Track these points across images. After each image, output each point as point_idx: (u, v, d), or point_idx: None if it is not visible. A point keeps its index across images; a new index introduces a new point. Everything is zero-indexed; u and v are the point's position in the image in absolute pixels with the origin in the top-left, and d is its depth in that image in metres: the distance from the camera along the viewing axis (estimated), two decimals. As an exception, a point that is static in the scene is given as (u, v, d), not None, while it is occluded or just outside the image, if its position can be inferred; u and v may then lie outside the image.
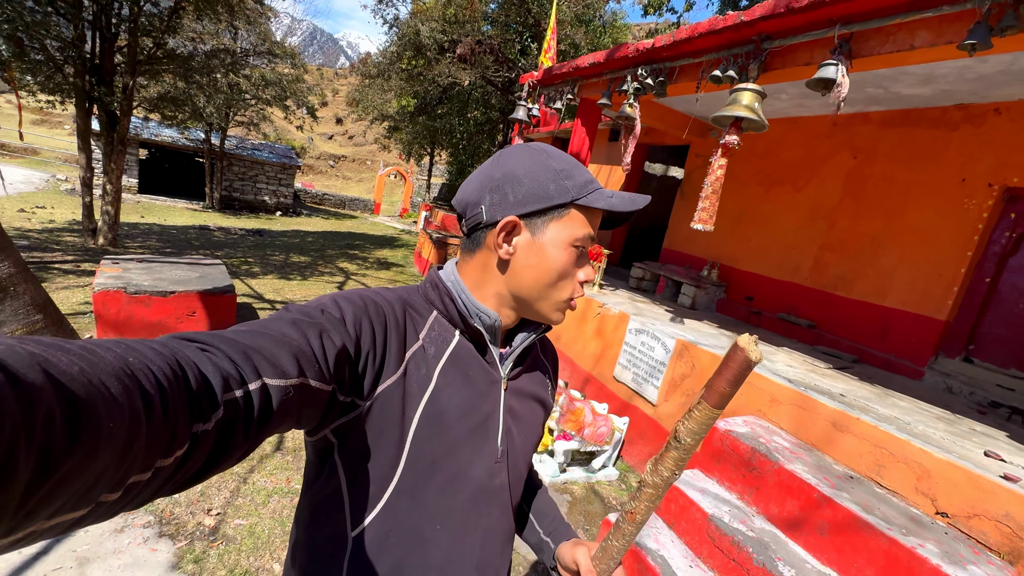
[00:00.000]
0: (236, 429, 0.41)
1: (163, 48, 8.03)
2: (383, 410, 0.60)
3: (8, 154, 18.46)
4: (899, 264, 3.84)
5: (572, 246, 0.65)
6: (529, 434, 0.77)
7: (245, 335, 0.46)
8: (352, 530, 0.63)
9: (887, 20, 2.42)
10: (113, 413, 0.28)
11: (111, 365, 0.30)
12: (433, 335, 0.66)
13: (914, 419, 2.55)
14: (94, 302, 3.71)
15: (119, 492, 0.31)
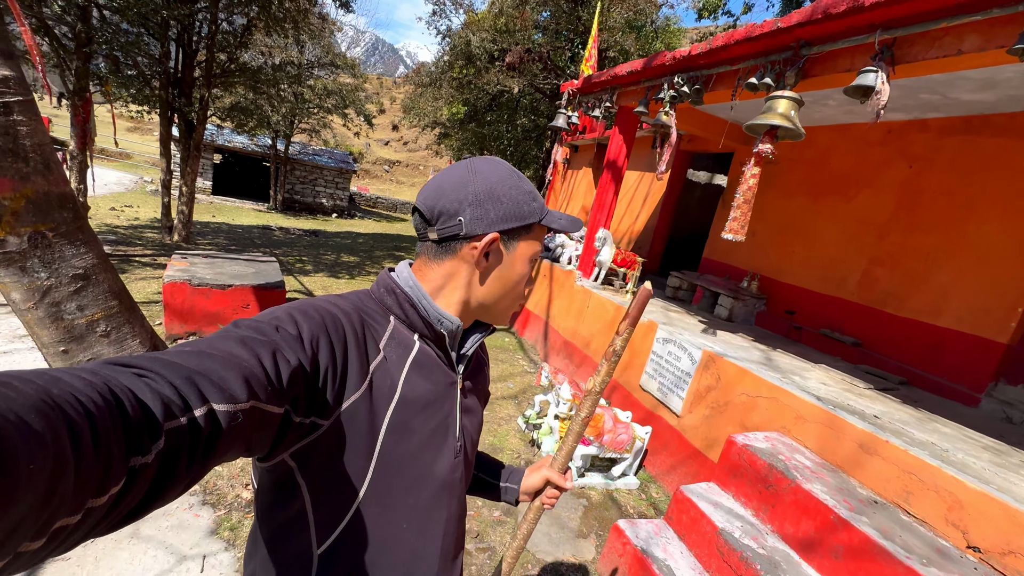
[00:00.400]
0: (179, 460, 0.38)
1: (236, 62, 8.75)
2: (350, 425, 0.59)
3: (106, 158, 20.63)
4: (956, 281, 3.57)
5: (531, 260, 0.73)
6: (478, 425, 0.82)
7: (189, 357, 0.43)
8: (318, 547, 0.62)
9: (932, 24, 2.31)
10: (34, 452, 0.25)
11: (31, 398, 0.27)
12: (393, 344, 0.67)
13: (955, 447, 2.39)
14: (163, 292, 4.14)
15: (43, 539, 0.28)
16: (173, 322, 4.17)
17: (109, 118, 16.06)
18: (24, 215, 2.48)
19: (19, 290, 2.59)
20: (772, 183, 5.10)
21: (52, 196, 2.58)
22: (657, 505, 3.21)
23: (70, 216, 2.69)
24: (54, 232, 2.62)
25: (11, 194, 2.42)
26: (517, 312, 1.01)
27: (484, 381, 0.86)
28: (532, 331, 5.95)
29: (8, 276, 2.54)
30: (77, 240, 2.73)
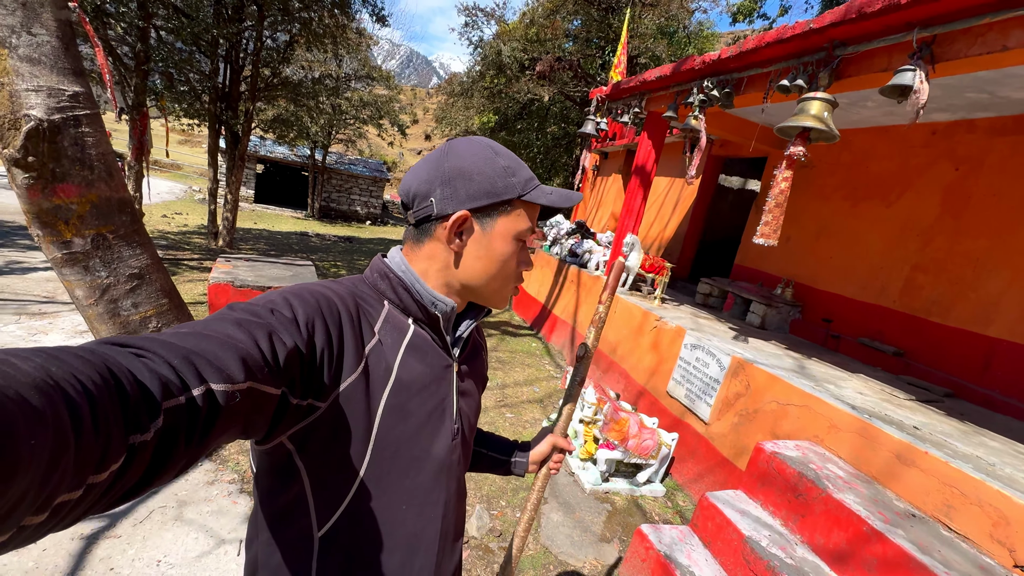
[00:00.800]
0: (178, 438, 0.39)
1: (278, 76, 9.20)
2: (347, 407, 0.60)
3: (159, 169, 21.96)
4: (1008, 289, 3.38)
5: (516, 239, 0.70)
6: (475, 408, 0.82)
7: (186, 338, 0.44)
8: (319, 530, 0.63)
9: (974, 20, 2.23)
10: (34, 428, 0.26)
11: (30, 376, 0.28)
12: (388, 327, 0.67)
13: (1002, 461, 2.26)
14: (208, 293, 4.38)
15: (45, 514, 0.29)
16: (217, 321, 4.40)
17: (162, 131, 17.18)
18: (88, 218, 2.70)
19: (82, 287, 2.81)
20: (807, 187, 4.96)
21: (113, 201, 2.80)
22: (683, 513, 3.16)
23: (128, 220, 2.91)
24: (114, 234, 2.83)
25: (77, 199, 2.64)
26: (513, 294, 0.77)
27: (481, 366, 0.86)
28: (559, 336, 5.95)
29: (73, 274, 2.76)
30: (134, 242, 2.94)
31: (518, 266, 0.73)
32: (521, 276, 0.75)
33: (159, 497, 2.48)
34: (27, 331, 3.94)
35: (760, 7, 13.14)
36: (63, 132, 2.52)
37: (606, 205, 9.49)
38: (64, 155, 2.54)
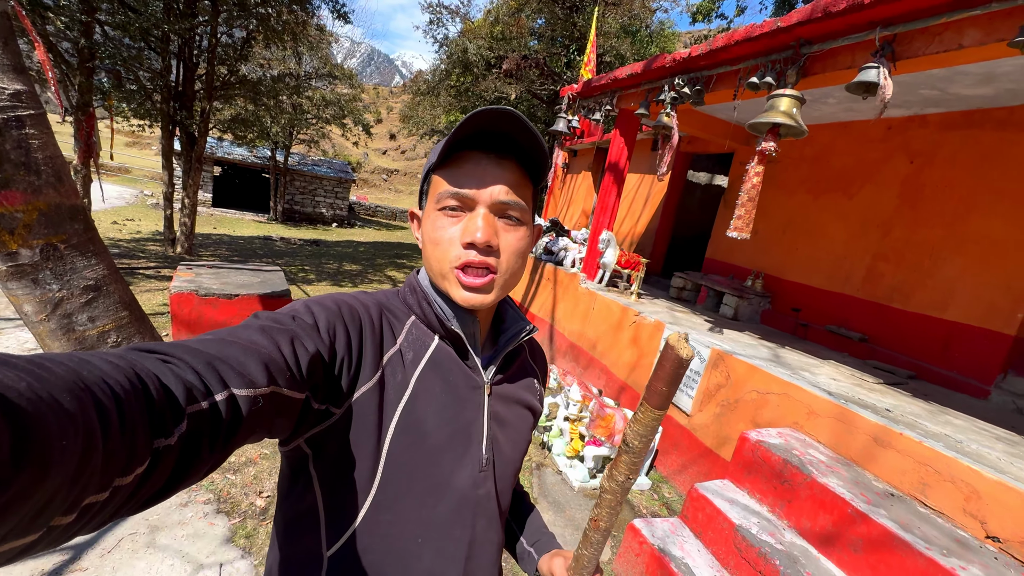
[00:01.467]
0: (201, 443, 0.39)
1: (236, 74, 8.82)
2: (360, 417, 0.58)
3: (105, 173, 20.71)
4: (962, 275, 3.58)
5: (437, 209, 0.63)
6: (517, 441, 0.74)
7: (210, 344, 0.45)
8: (328, 549, 0.60)
9: (932, 20, 2.34)
10: (65, 430, 0.26)
11: (62, 379, 0.28)
12: (411, 340, 0.64)
13: (968, 438, 2.39)
14: (171, 303, 4.14)
15: (73, 515, 0.30)
16: (181, 332, 4.17)
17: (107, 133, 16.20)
18: (36, 227, 2.50)
19: (31, 302, 2.59)
20: (773, 181, 5.12)
21: (64, 208, 2.60)
22: (670, 505, 3.21)
23: (81, 228, 2.71)
24: (66, 244, 2.63)
25: (23, 206, 2.44)
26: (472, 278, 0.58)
27: (529, 394, 0.77)
28: (538, 334, 5.95)
29: (20, 288, 2.55)
30: (88, 251, 2.74)
31: (451, 240, 0.61)
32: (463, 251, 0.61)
33: (128, 523, 2.32)
34: (-34, 351, 3.62)
35: (718, 7, 13.53)
36: (4, 134, 2.31)
37: (576, 203, 9.56)
38: (7, 159, 2.34)
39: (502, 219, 0.63)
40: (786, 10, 14.10)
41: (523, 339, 0.73)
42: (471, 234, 0.60)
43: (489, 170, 0.61)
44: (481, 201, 0.61)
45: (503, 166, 0.62)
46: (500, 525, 0.73)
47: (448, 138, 0.59)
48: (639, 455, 0.57)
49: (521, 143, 0.61)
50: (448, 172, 0.62)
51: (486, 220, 0.60)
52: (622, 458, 0.58)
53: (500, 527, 0.73)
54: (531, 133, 0.60)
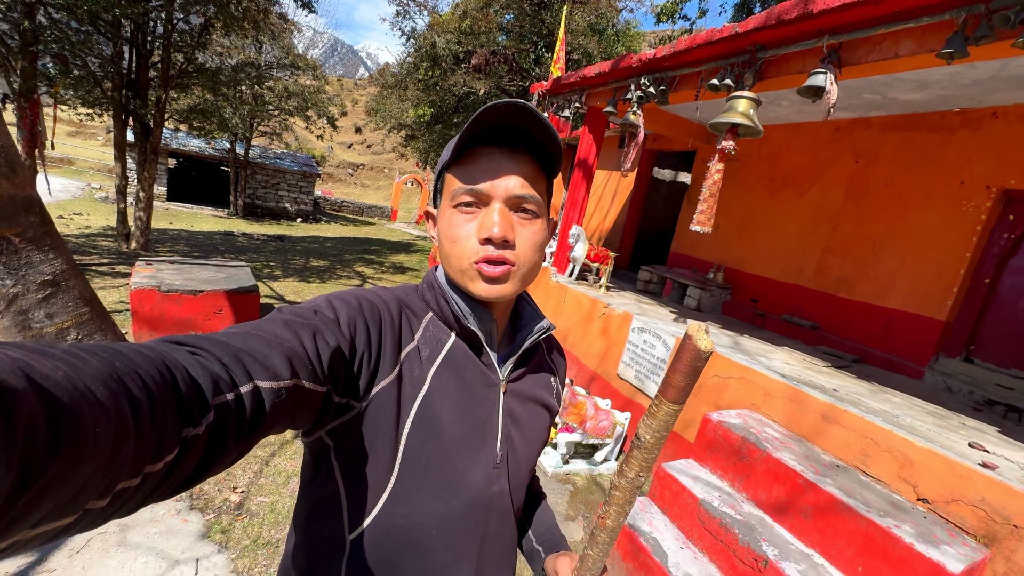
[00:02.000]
0: (227, 433, 0.40)
1: (193, 63, 8.47)
2: (378, 412, 0.59)
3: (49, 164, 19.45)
4: (900, 266, 3.89)
5: (451, 207, 0.63)
6: (532, 439, 0.75)
7: (236, 337, 0.46)
8: (350, 533, 0.63)
9: (873, 30, 2.55)
10: (99, 419, 0.28)
11: (97, 369, 0.30)
12: (428, 336, 0.66)
13: (904, 413, 2.63)
14: (131, 299, 4.00)
15: (107, 499, 0.31)
16: (142, 330, 4.03)
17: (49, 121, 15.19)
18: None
19: (-17, 298, 2.48)
20: (733, 178, 5.38)
21: (18, 200, 2.49)
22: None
23: (37, 220, 2.60)
24: (20, 237, 2.52)
25: (-27, 198, 2.33)
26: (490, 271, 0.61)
27: (545, 392, 0.78)
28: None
29: (-29, 284, 2.43)
30: (45, 245, 2.64)
31: (468, 237, 0.62)
32: (480, 248, 0.62)
33: (96, 523, 2.26)
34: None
35: (681, 9, 13.90)
36: (-49, 121, 2.20)
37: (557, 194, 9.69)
38: (-47, 148, 2.23)
39: (517, 213, 0.63)
40: (744, 14, 14.65)
41: (540, 337, 0.73)
42: (487, 229, 0.60)
43: (503, 164, 0.61)
44: (496, 196, 0.61)
45: (517, 160, 0.62)
46: (513, 522, 0.73)
47: (460, 135, 0.59)
48: (652, 451, 0.54)
49: (534, 136, 0.61)
50: (461, 169, 0.62)
51: (502, 215, 0.61)
52: (634, 454, 0.56)
53: (513, 524, 0.74)
54: (544, 125, 0.60)
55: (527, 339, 0.72)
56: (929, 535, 1.90)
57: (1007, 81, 3.05)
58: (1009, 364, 3.41)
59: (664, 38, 16.08)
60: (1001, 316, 3.47)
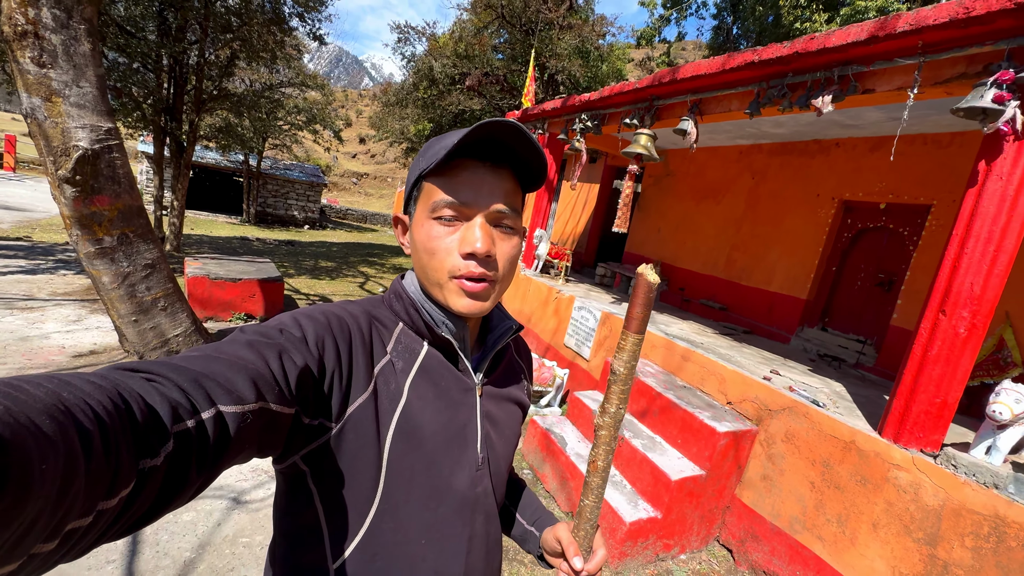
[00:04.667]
0: (189, 462, 0.39)
1: (220, 89, 9.75)
2: (356, 430, 0.58)
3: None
4: (780, 259, 5.04)
5: (430, 218, 0.62)
6: (509, 436, 0.76)
7: (196, 361, 0.44)
8: (333, 562, 0.60)
9: (715, 93, 3.73)
10: (45, 453, 0.26)
11: (41, 402, 0.28)
12: (400, 348, 0.65)
13: (740, 355, 3.78)
14: (187, 284, 5.18)
15: (55, 541, 0.29)
16: (195, 308, 5.21)
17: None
18: (116, 221, 3.58)
19: (108, 275, 3.66)
20: (671, 191, 6.55)
21: (133, 208, 3.68)
22: (571, 422, 4.49)
23: (144, 222, 3.79)
24: (134, 233, 3.71)
25: (108, 207, 3.52)
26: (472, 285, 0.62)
27: (517, 390, 0.80)
28: (488, 315, 7.21)
29: (102, 264, 3.62)
30: (148, 239, 3.82)
31: (447, 250, 0.62)
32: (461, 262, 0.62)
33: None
34: (26, 322, 4.57)
35: (660, 33, 15.18)
36: (101, 157, 3.40)
37: (527, 206, 10.90)
38: (101, 174, 3.42)
39: (497, 228, 0.63)
40: (722, 38, 15.94)
41: (509, 338, 0.74)
42: (471, 244, 0.60)
43: (486, 180, 0.61)
44: (479, 211, 0.61)
45: (499, 175, 0.62)
46: (497, 519, 0.75)
47: (449, 149, 0.57)
48: (626, 382, 0.60)
49: (518, 151, 0.61)
50: (443, 180, 0.61)
51: (484, 230, 0.61)
52: (612, 389, 0.61)
53: (498, 521, 0.75)
54: (531, 143, 0.60)
55: (499, 342, 0.73)
56: (720, 418, 3.04)
57: (826, 124, 4.22)
58: (848, 331, 4.55)
59: (644, 58, 17.35)
60: (844, 296, 4.61)
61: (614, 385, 0.60)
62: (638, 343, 0.59)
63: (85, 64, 3.29)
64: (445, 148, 0.58)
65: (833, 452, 2.63)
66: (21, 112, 3.26)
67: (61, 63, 3.18)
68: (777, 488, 2.86)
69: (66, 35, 3.19)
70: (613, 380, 0.60)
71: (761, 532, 2.89)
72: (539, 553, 0.83)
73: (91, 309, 5.19)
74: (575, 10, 15.61)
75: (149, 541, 2.30)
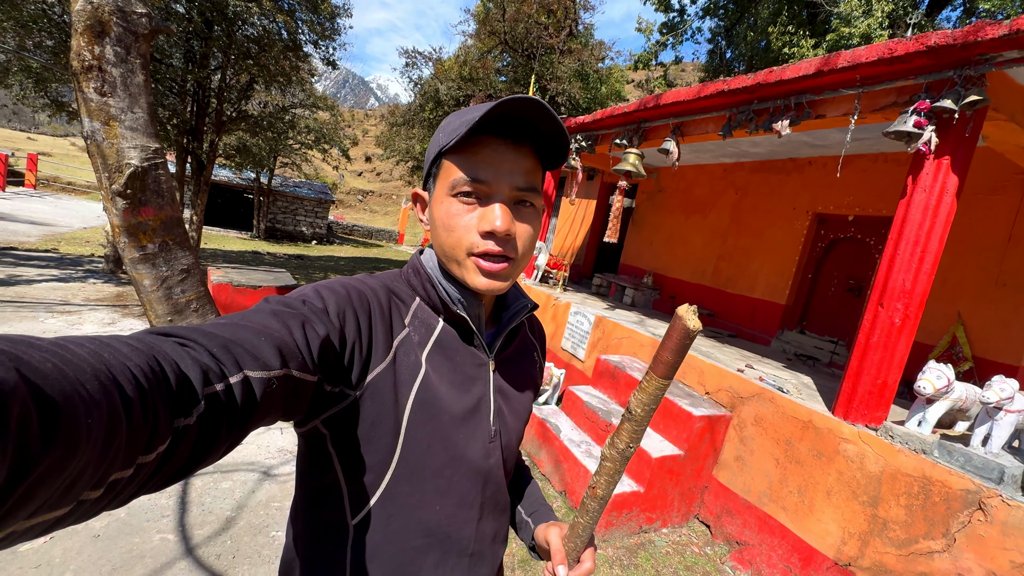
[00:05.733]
0: (219, 423, 0.41)
1: (239, 111, 10.35)
2: (375, 398, 0.60)
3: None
4: (761, 267, 5.43)
5: (449, 195, 0.63)
6: (520, 412, 0.78)
7: (225, 328, 0.46)
8: (352, 518, 0.63)
9: (694, 117, 4.17)
10: (91, 410, 0.28)
11: (86, 362, 0.30)
12: (417, 322, 0.67)
13: (721, 353, 4.14)
14: (212, 290, 5.60)
15: (101, 489, 0.31)
16: (220, 312, 5.61)
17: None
18: (159, 230, 4.01)
19: (149, 278, 4.08)
20: (663, 206, 6.98)
21: (173, 219, 4.12)
22: (567, 417, 4.82)
23: (181, 231, 4.22)
24: (173, 241, 4.14)
25: (153, 217, 3.96)
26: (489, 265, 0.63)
27: (531, 366, 0.83)
28: (491, 323, 7.60)
29: (144, 269, 4.04)
30: (185, 247, 4.25)
31: (466, 227, 0.63)
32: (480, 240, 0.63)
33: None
34: (65, 323, 4.99)
35: (656, 58, 15.85)
36: (149, 174, 3.85)
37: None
38: (148, 188, 3.87)
39: (516, 206, 0.64)
40: (717, 60, 16.60)
41: (524, 316, 0.75)
42: (490, 223, 0.61)
43: (507, 157, 0.61)
44: (499, 189, 0.61)
45: (520, 152, 0.62)
46: (506, 489, 0.78)
47: (471, 125, 0.57)
48: (641, 423, 0.58)
49: (541, 128, 0.61)
50: (462, 158, 0.61)
51: (503, 209, 0.61)
52: (624, 426, 0.59)
53: (506, 490, 0.78)
54: (553, 119, 0.59)
55: (513, 319, 0.74)
56: (697, 405, 3.39)
57: (798, 144, 4.65)
58: (824, 333, 4.90)
59: (643, 80, 18.05)
60: (819, 301, 4.98)
61: (628, 423, 0.60)
62: (662, 389, 0.56)
63: (139, 93, 3.77)
64: (466, 124, 0.58)
65: (794, 431, 2.97)
66: (82, 134, 3.72)
67: (119, 92, 3.65)
68: (748, 467, 3.20)
69: (124, 68, 3.67)
70: (628, 419, 0.59)
71: (735, 507, 3.21)
72: (531, 544, 0.85)
73: (123, 313, 5.61)
74: (575, 36, 16.37)
75: (195, 502, 2.67)
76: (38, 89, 7.32)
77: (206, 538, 2.42)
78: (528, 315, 0.81)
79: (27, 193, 17.74)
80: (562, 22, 15.76)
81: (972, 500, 2.22)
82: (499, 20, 14.93)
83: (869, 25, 9.06)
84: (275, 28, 9.24)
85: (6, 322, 4.67)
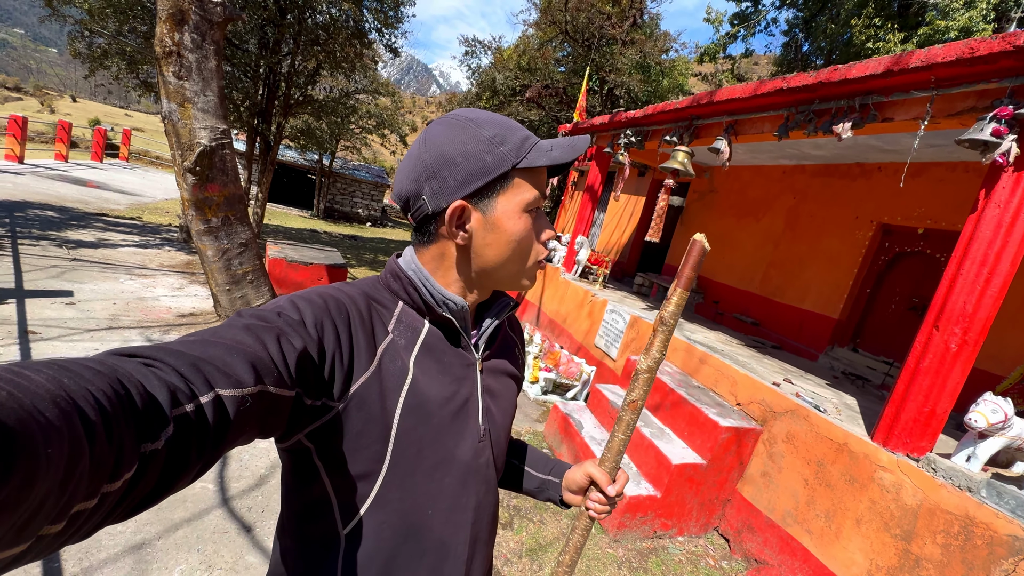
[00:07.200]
0: (189, 446, 0.39)
1: (305, 95, 10.89)
2: (361, 408, 0.60)
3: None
4: (814, 278, 5.12)
5: (525, 212, 0.65)
6: (507, 408, 0.78)
7: (194, 346, 0.45)
8: (344, 528, 0.63)
9: (749, 115, 3.97)
10: (50, 437, 0.27)
11: (44, 388, 0.29)
12: (402, 327, 0.66)
13: (758, 364, 3.97)
14: (268, 264, 5.98)
15: (63, 523, 0.30)
16: (274, 285, 6.00)
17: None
18: (222, 205, 4.33)
19: (212, 249, 4.42)
20: (713, 207, 6.71)
21: (236, 196, 4.43)
22: (594, 415, 4.81)
23: (242, 208, 4.54)
24: (234, 217, 4.46)
25: (218, 193, 4.27)
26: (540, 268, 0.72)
27: (514, 362, 0.83)
28: (528, 315, 7.62)
29: (208, 240, 4.38)
30: (244, 222, 4.57)
31: (536, 240, 0.69)
32: (543, 249, 0.70)
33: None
34: (141, 286, 5.51)
35: (725, 50, 15.09)
36: (216, 152, 4.15)
37: (567, 211, 11.25)
38: (215, 166, 4.18)
39: None
40: (792, 53, 15.59)
41: (508, 313, 0.76)
42: (551, 231, 0.70)
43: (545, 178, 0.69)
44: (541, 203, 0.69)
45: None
46: (496, 488, 0.78)
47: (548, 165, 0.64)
48: (670, 331, 0.68)
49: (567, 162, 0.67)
50: (532, 176, 0.66)
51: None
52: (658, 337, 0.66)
53: (496, 490, 0.79)
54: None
55: (497, 317, 0.75)
56: (726, 415, 3.29)
57: (866, 148, 4.31)
58: (879, 352, 4.57)
59: (708, 74, 17.23)
60: (875, 318, 4.63)
61: (661, 334, 0.67)
62: (684, 297, 0.67)
63: (211, 77, 4.06)
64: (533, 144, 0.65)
65: (827, 453, 2.82)
66: (160, 114, 4.07)
67: (194, 76, 3.95)
68: (775, 484, 3.07)
69: (199, 54, 3.97)
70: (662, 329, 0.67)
71: (756, 524, 3.10)
72: (560, 498, 0.88)
73: (190, 280, 6.11)
74: (639, 26, 15.87)
75: (235, 457, 2.90)
76: (131, 71, 8.00)
77: (241, 491, 2.64)
78: (510, 313, 0.80)
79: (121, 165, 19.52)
80: (627, 11, 15.31)
81: (1020, 548, 2.04)
82: (561, 9, 14.71)
83: (971, 18, 8.17)
84: (342, 16, 9.59)
85: (92, 280, 5.22)
